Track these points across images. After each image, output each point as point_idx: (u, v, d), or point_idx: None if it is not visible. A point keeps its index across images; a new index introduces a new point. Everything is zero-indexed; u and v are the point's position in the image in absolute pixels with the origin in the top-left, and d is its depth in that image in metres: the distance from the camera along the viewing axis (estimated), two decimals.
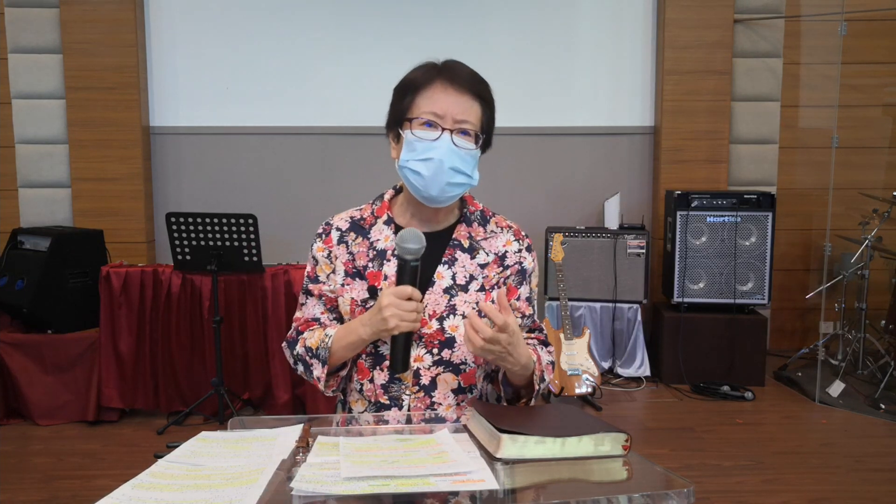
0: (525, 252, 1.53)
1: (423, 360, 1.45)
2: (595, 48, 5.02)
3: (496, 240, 1.52)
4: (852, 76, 4.86)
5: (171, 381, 3.89)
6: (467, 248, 1.49)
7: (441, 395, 1.46)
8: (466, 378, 1.47)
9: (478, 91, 1.44)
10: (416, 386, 1.45)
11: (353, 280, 1.49)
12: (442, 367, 1.45)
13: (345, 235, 1.53)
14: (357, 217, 1.55)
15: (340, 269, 1.50)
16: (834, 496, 2.99)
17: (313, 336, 1.49)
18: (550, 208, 5.06)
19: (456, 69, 1.45)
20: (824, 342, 4.39)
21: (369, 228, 1.52)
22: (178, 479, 1.10)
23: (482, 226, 1.53)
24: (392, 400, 1.46)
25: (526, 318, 1.52)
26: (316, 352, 1.46)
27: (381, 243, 1.49)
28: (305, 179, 5.04)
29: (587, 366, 3.96)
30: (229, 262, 3.72)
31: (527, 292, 1.53)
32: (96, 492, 1.01)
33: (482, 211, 1.56)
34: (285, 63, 4.97)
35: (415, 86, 1.44)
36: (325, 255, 1.53)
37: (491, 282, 1.48)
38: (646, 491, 1.07)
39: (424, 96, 1.42)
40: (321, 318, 1.54)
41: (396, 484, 1.05)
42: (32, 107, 4.75)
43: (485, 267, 1.48)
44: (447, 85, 1.42)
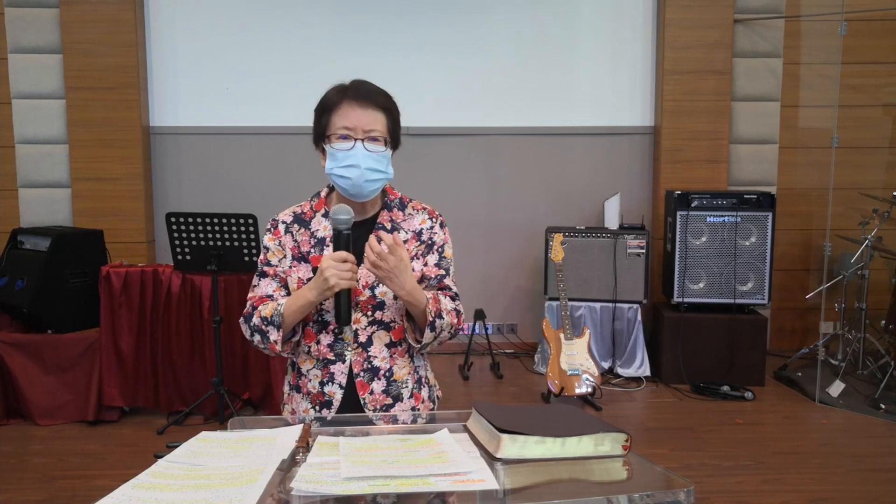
0: (437, 228, 1.83)
1: (360, 321, 1.73)
2: (595, 48, 5.02)
3: (413, 220, 1.82)
4: (852, 76, 4.86)
5: (171, 381, 3.89)
6: (390, 229, 1.79)
7: (377, 350, 1.75)
8: (396, 334, 1.76)
9: (380, 103, 1.73)
10: (356, 343, 1.74)
11: (298, 263, 1.78)
12: (376, 326, 1.74)
13: (290, 227, 1.83)
14: (298, 212, 1.86)
15: (289, 254, 1.79)
16: (834, 496, 2.99)
17: (267, 308, 1.73)
18: (550, 208, 5.06)
19: (361, 88, 1.74)
20: (824, 342, 4.39)
21: (310, 221, 1.83)
22: (178, 479, 1.10)
23: (401, 210, 1.83)
24: (337, 356, 1.74)
25: (433, 279, 1.79)
26: (270, 319, 1.70)
27: (321, 232, 1.79)
28: (305, 179, 5.02)
29: (587, 366, 3.97)
30: (229, 262, 3.72)
31: (435, 259, 1.80)
32: (96, 492, 1.01)
33: (400, 198, 1.86)
34: (285, 63, 4.97)
35: (328, 107, 1.75)
36: (276, 244, 1.82)
37: (411, 254, 1.77)
38: (646, 491, 1.07)
39: (337, 114, 1.73)
40: (273, 294, 1.78)
41: (396, 484, 1.05)
42: (32, 107, 4.75)
43: (405, 243, 1.78)
44: (353, 103, 1.72)
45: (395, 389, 1.75)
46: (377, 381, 1.73)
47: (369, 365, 1.73)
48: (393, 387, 1.75)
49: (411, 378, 1.78)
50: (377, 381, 1.73)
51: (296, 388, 1.80)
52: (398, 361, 1.76)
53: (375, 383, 1.73)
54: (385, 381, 1.74)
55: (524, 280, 5.12)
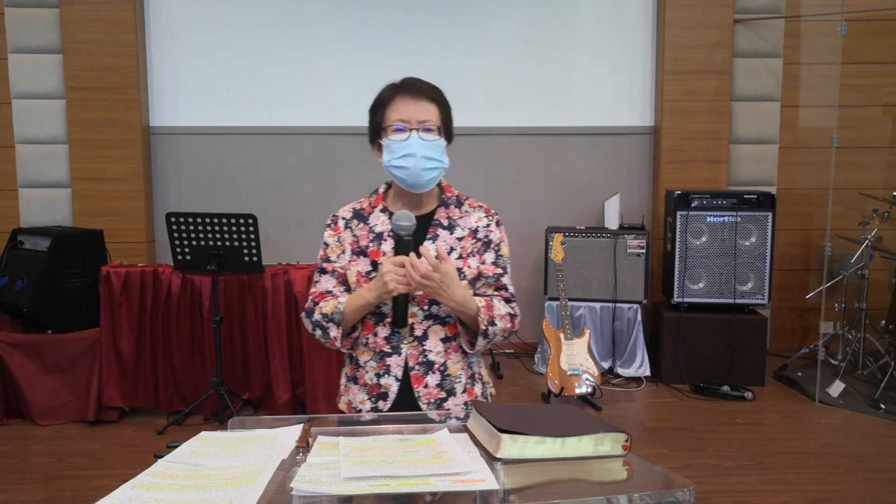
0: (493, 226, 1.86)
1: (416, 315, 1.77)
2: (595, 48, 5.02)
3: (470, 217, 1.85)
4: (852, 76, 4.86)
5: (171, 380, 3.89)
6: (447, 225, 1.83)
7: (432, 344, 1.78)
8: (451, 329, 1.80)
9: (432, 96, 1.79)
10: (412, 337, 1.78)
11: (357, 257, 1.82)
12: (432, 321, 1.78)
13: (349, 223, 1.86)
14: (357, 208, 1.89)
15: (348, 249, 1.83)
16: (834, 496, 2.99)
17: (328, 305, 1.79)
18: (550, 208, 5.06)
19: (413, 83, 1.80)
20: (824, 342, 4.39)
21: (368, 216, 1.86)
22: (178, 479, 1.10)
23: (458, 207, 1.87)
24: (393, 349, 1.78)
25: (490, 278, 1.83)
26: (331, 316, 1.77)
27: (379, 227, 1.83)
28: (305, 179, 5.04)
29: (587, 366, 3.96)
30: (229, 262, 3.72)
31: (492, 257, 1.84)
32: (96, 492, 1.01)
33: (457, 196, 1.90)
34: (285, 63, 4.98)
35: (383, 102, 1.80)
36: (335, 240, 1.87)
37: (467, 251, 1.81)
38: (646, 491, 1.07)
39: (391, 108, 1.78)
40: (333, 290, 1.84)
41: (396, 484, 1.05)
42: (32, 107, 4.75)
43: (461, 240, 1.82)
44: (406, 96, 1.77)
45: (448, 384, 1.78)
46: (431, 375, 1.77)
47: (424, 359, 1.77)
48: (447, 381, 1.78)
49: (465, 373, 1.81)
50: (431, 374, 1.77)
51: (353, 379, 1.84)
52: (452, 356, 1.80)
53: (430, 377, 1.77)
54: (439, 376, 1.77)
55: (524, 280, 5.12)
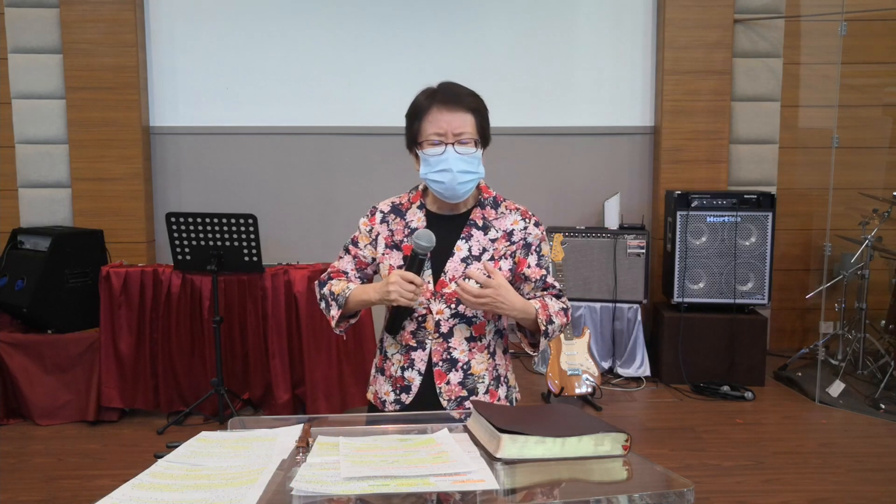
0: (531, 227, 1.87)
1: (443, 313, 1.79)
2: (595, 48, 5.02)
3: (505, 220, 1.87)
4: (852, 76, 4.86)
5: (171, 381, 3.89)
6: (481, 226, 1.84)
7: (456, 342, 1.80)
8: (477, 329, 1.81)
9: (468, 105, 1.78)
10: (437, 333, 1.80)
11: (391, 251, 1.85)
12: (457, 320, 1.79)
13: (386, 216, 1.89)
14: (397, 202, 1.92)
15: (381, 242, 1.87)
16: (834, 496, 2.99)
17: (339, 284, 1.87)
18: (550, 208, 5.06)
19: (449, 91, 1.78)
20: (824, 342, 4.39)
21: (405, 212, 1.88)
22: (178, 479, 1.10)
23: (494, 209, 1.88)
24: (418, 343, 1.81)
25: (538, 281, 1.84)
26: (336, 297, 1.84)
27: (414, 223, 1.85)
28: (305, 179, 5.04)
29: (587, 366, 3.96)
30: (229, 262, 3.72)
31: (535, 259, 1.85)
32: (96, 492, 1.01)
33: (494, 197, 1.92)
34: (285, 63, 4.97)
35: (419, 113, 1.78)
36: (367, 229, 1.90)
37: (500, 253, 1.82)
38: (646, 491, 1.07)
39: (427, 121, 1.77)
40: (349, 272, 1.92)
41: (396, 484, 1.05)
42: (32, 107, 4.75)
43: (495, 241, 1.83)
44: (442, 108, 1.76)
45: (471, 383, 1.79)
46: (454, 373, 1.78)
47: (448, 356, 1.79)
48: (469, 380, 1.79)
49: (489, 374, 1.82)
50: (454, 372, 1.78)
51: (381, 370, 1.88)
52: (477, 356, 1.81)
53: (452, 374, 1.78)
54: (462, 374, 1.79)
55: None
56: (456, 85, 1.81)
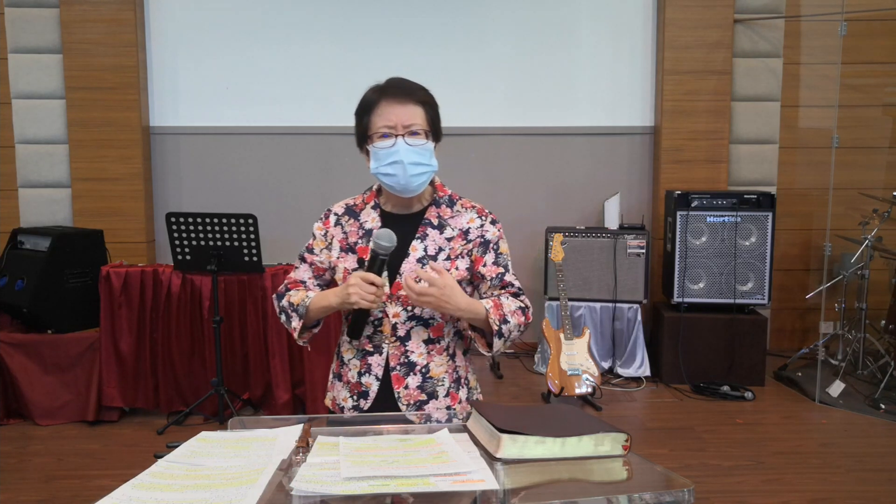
0: (488, 225, 1.82)
1: (399, 315, 1.75)
2: (595, 48, 5.02)
3: (461, 218, 1.82)
4: (852, 76, 4.86)
5: (171, 381, 3.89)
6: (437, 225, 1.80)
7: (414, 345, 1.76)
8: (435, 331, 1.77)
9: (417, 98, 1.75)
10: (394, 337, 1.76)
11: (346, 254, 1.81)
12: (414, 322, 1.75)
13: (340, 218, 1.87)
14: (351, 204, 1.90)
15: (336, 245, 1.83)
16: (834, 496, 2.99)
17: (297, 295, 1.82)
18: (550, 208, 5.06)
19: (397, 85, 1.75)
20: (824, 342, 4.39)
21: (360, 213, 1.85)
22: (178, 479, 1.10)
23: (449, 207, 1.84)
24: (375, 348, 1.77)
25: (494, 279, 1.80)
26: (296, 307, 1.80)
27: (369, 224, 1.82)
28: (305, 179, 5.04)
29: (587, 366, 3.96)
30: (229, 262, 3.72)
31: (492, 258, 1.81)
32: (96, 492, 1.01)
33: (450, 196, 1.87)
34: (285, 63, 4.97)
35: (367, 108, 1.76)
36: (322, 233, 1.86)
37: (456, 252, 1.78)
38: (646, 491, 1.07)
39: (376, 114, 1.74)
40: (307, 281, 1.87)
41: (396, 484, 1.05)
42: (32, 107, 4.75)
43: (451, 240, 1.79)
44: (391, 100, 1.73)
45: (430, 386, 1.76)
46: (413, 377, 1.74)
47: (406, 359, 1.75)
48: (428, 383, 1.75)
49: (448, 377, 1.78)
50: (413, 376, 1.74)
51: (338, 376, 1.84)
52: (435, 359, 1.77)
53: (411, 378, 1.74)
54: (420, 377, 1.75)
55: (524, 280, 5.09)
56: (404, 80, 1.78)
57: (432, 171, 1.78)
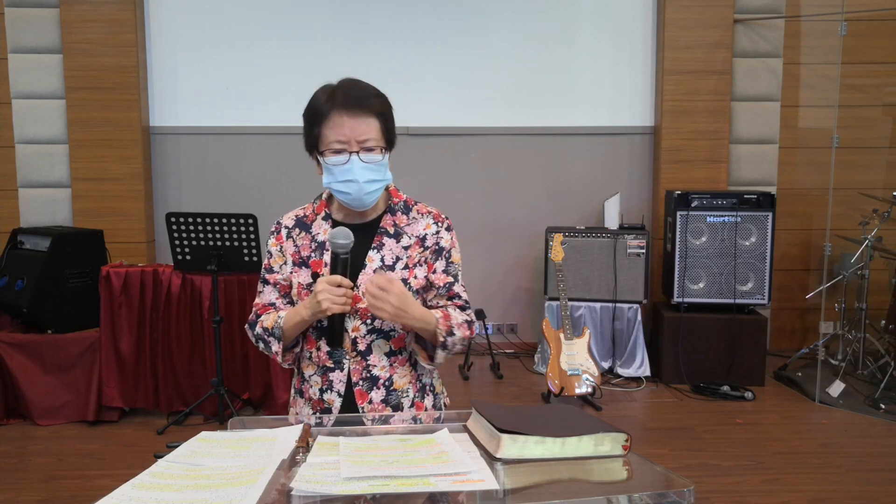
0: (443, 232, 1.76)
1: (359, 329, 1.69)
2: (595, 48, 5.02)
3: (417, 224, 1.75)
4: (852, 76, 4.86)
5: (171, 381, 3.89)
6: (393, 233, 1.73)
7: (376, 359, 1.70)
8: (396, 342, 1.71)
9: (371, 108, 1.64)
10: (354, 352, 1.70)
11: (299, 268, 1.74)
12: (375, 335, 1.69)
13: (291, 232, 1.79)
14: (301, 215, 1.82)
15: (290, 259, 1.76)
16: (834, 496, 2.99)
17: (269, 318, 1.74)
18: (550, 208, 5.06)
19: (350, 93, 1.63)
20: (824, 342, 4.39)
21: (311, 224, 1.78)
22: (178, 479, 1.10)
23: (405, 214, 1.76)
24: (335, 364, 1.71)
25: (442, 288, 1.74)
26: (272, 331, 1.71)
27: (321, 236, 1.75)
28: (305, 179, 5.01)
29: (587, 366, 3.96)
30: (229, 262, 3.72)
31: (443, 265, 1.74)
32: (96, 492, 1.01)
33: (405, 201, 1.79)
34: (285, 63, 4.97)
35: (317, 117, 1.65)
36: (277, 249, 1.80)
37: (413, 260, 1.72)
38: (646, 491, 1.07)
39: (328, 127, 1.64)
40: (276, 303, 1.79)
41: (396, 484, 1.05)
42: (32, 107, 4.75)
43: (408, 248, 1.73)
44: (343, 112, 1.62)
45: (394, 399, 1.71)
46: (376, 391, 1.69)
47: (368, 374, 1.69)
48: (393, 396, 1.70)
49: (412, 387, 1.74)
50: (376, 390, 1.69)
51: (299, 392, 1.78)
52: (398, 370, 1.71)
53: (374, 393, 1.69)
54: (384, 391, 1.70)
55: (524, 280, 5.12)
56: (357, 84, 1.67)
57: (386, 183, 1.71)
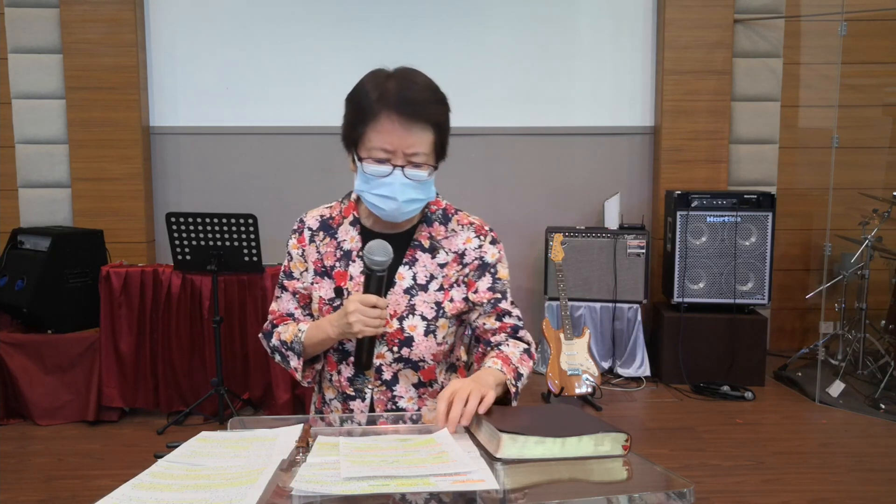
0: (487, 245, 1.56)
1: (384, 356, 1.51)
2: (595, 48, 5.02)
3: (456, 238, 1.56)
4: (852, 76, 4.86)
5: (171, 381, 3.89)
6: (428, 248, 1.54)
7: (402, 389, 1.54)
8: (426, 374, 1.54)
9: (428, 117, 1.43)
10: (379, 380, 1.53)
11: (321, 279, 1.55)
12: (402, 364, 1.52)
13: (315, 235, 1.59)
14: (326, 216, 1.61)
15: (311, 267, 1.57)
16: (834, 496, 2.99)
17: (287, 330, 1.57)
18: (550, 208, 5.06)
19: (407, 95, 1.42)
20: (824, 342, 4.39)
21: (337, 228, 1.58)
22: (178, 479, 1.10)
23: (443, 224, 1.57)
24: (356, 392, 1.54)
25: (486, 304, 1.54)
26: (291, 345, 1.54)
27: (348, 244, 1.55)
28: (305, 179, 5.04)
29: (587, 366, 3.96)
30: (229, 262, 3.72)
31: (487, 282, 1.55)
32: (96, 492, 1.01)
33: (444, 209, 1.59)
34: (285, 63, 4.97)
35: (364, 116, 1.43)
36: (298, 252, 1.60)
37: (450, 280, 1.53)
38: (646, 491, 1.07)
39: (374, 129, 1.42)
40: (295, 313, 1.61)
41: (396, 484, 1.05)
42: (32, 107, 4.75)
43: (444, 266, 1.54)
44: (394, 118, 1.40)
45: None
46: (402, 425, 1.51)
47: (393, 406, 1.52)
48: None
49: None
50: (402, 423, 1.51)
51: (320, 413, 1.63)
52: (428, 403, 1.54)
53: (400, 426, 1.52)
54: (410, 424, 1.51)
55: (524, 280, 5.12)
56: (416, 80, 1.47)
57: (428, 200, 1.52)
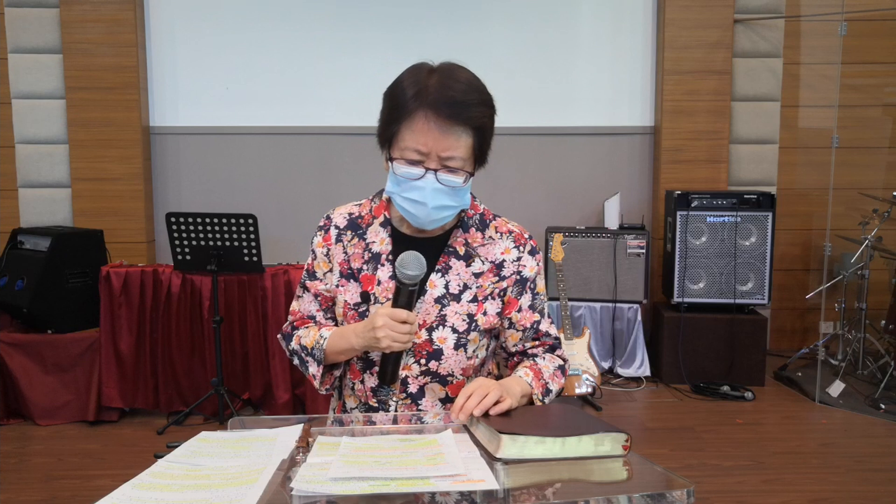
0: (526, 257, 1.48)
1: (411, 369, 1.44)
2: (595, 48, 5.02)
3: (494, 247, 1.47)
4: (852, 76, 4.86)
5: (171, 381, 3.89)
6: (462, 255, 1.45)
7: (428, 404, 1.46)
8: (454, 389, 1.46)
9: (469, 120, 1.33)
10: (404, 393, 1.45)
11: (347, 282, 1.47)
12: (429, 378, 1.45)
13: (342, 234, 1.50)
14: (355, 214, 1.52)
15: (336, 268, 1.49)
16: (834, 496, 2.99)
17: (308, 335, 1.49)
18: (550, 208, 5.06)
19: (448, 95, 1.32)
20: (824, 342, 4.39)
21: (366, 228, 1.49)
22: (178, 479, 1.10)
23: (480, 231, 1.48)
24: (380, 403, 1.47)
25: (528, 330, 1.48)
26: (311, 351, 1.47)
27: (377, 246, 1.46)
28: (305, 179, 5.04)
29: (587, 366, 3.96)
30: (229, 262, 3.72)
31: (528, 300, 1.47)
32: (96, 492, 1.01)
33: (482, 214, 1.50)
34: (285, 63, 4.97)
35: (400, 114, 1.35)
36: (323, 252, 1.52)
37: (485, 292, 1.44)
38: (646, 491, 1.07)
39: (409, 128, 1.34)
40: (316, 316, 1.54)
41: (396, 484, 1.05)
42: (32, 107, 4.75)
43: (479, 276, 1.45)
44: (431, 117, 1.31)
45: None
46: None
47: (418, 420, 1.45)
48: None
49: None
50: None
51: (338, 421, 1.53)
52: None
53: None
54: None
55: None
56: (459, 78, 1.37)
57: (462, 208, 1.42)
